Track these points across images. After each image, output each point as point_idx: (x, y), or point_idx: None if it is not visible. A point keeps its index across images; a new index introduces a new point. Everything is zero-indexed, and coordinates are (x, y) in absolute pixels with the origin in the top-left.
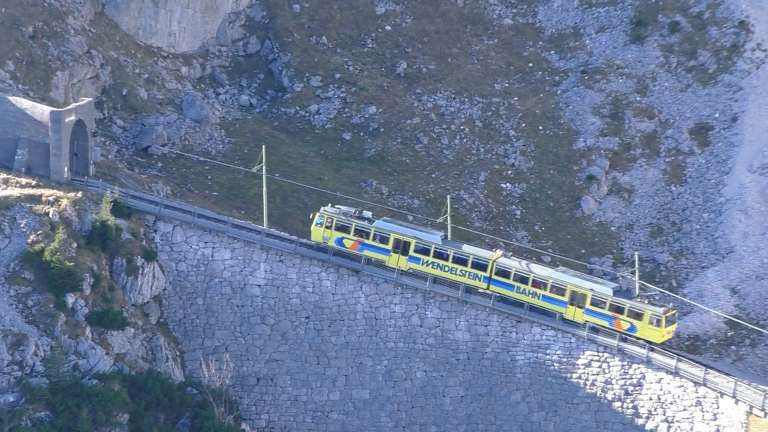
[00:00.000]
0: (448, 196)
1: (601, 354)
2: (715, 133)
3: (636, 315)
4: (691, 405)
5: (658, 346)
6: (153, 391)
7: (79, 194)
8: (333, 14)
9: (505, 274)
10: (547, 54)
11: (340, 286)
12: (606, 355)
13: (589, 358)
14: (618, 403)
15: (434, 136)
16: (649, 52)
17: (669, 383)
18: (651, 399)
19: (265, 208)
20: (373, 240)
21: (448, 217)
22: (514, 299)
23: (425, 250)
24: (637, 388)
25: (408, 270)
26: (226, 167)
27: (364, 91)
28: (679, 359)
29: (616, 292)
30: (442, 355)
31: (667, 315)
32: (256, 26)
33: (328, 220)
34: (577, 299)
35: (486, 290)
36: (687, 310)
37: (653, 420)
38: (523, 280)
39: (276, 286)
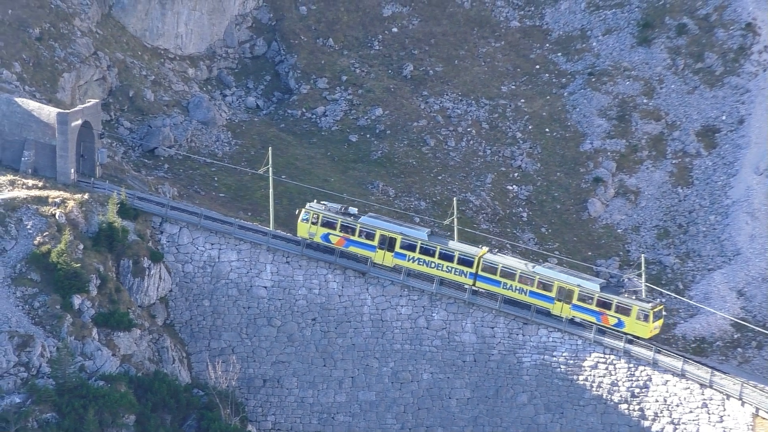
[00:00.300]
0: (455, 198)
1: (607, 356)
2: (722, 135)
3: (623, 310)
4: (698, 407)
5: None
6: (159, 392)
7: (86, 196)
8: (340, 16)
9: (492, 270)
10: (554, 56)
11: (347, 287)
12: (612, 357)
13: (596, 360)
14: (624, 405)
15: (441, 138)
16: (656, 55)
17: (675, 385)
18: (657, 401)
19: (271, 209)
20: (359, 236)
21: (455, 219)
22: (498, 294)
23: (411, 246)
24: (643, 390)
25: (393, 266)
26: (232, 169)
27: (370, 93)
28: (686, 361)
29: (603, 288)
30: (449, 357)
31: (655, 310)
32: (263, 28)
33: (314, 217)
34: (564, 295)
35: (472, 286)
36: (693, 313)
37: (659, 422)
38: (510, 276)
39: (282, 288)
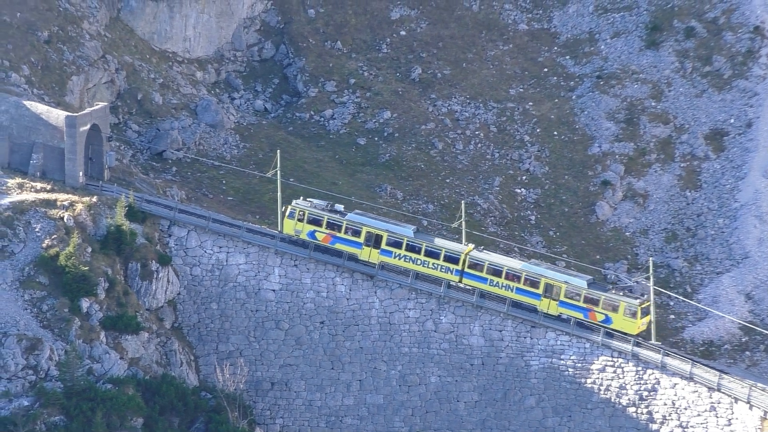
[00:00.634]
0: (463, 202)
1: (615, 359)
2: (730, 138)
3: (611, 307)
4: (706, 410)
5: (668, 349)
6: (167, 395)
7: (94, 199)
8: (348, 19)
9: (478, 267)
10: (562, 59)
11: (355, 290)
12: (620, 360)
13: (604, 363)
14: (632, 409)
15: (449, 142)
16: (665, 58)
17: (683, 388)
18: (665, 404)
19: (279, 212)
20: (346, 233)
21: (463, 223)
22: (487, 292)
23: (397, 243)
24: (651, 394)
25: (380, 263)
26: (240, 172)
27: (378, 96)
28: (694, 364)
29: (591, 285)
30: (457, 360)
31: (642, 306)
32: (271, 31)
33: (300, 213)
34: (552, 292)
35: (458, 283)
36: (702, 316)
37: (667, 425)
38: (496, 273)
39: (290, 291)
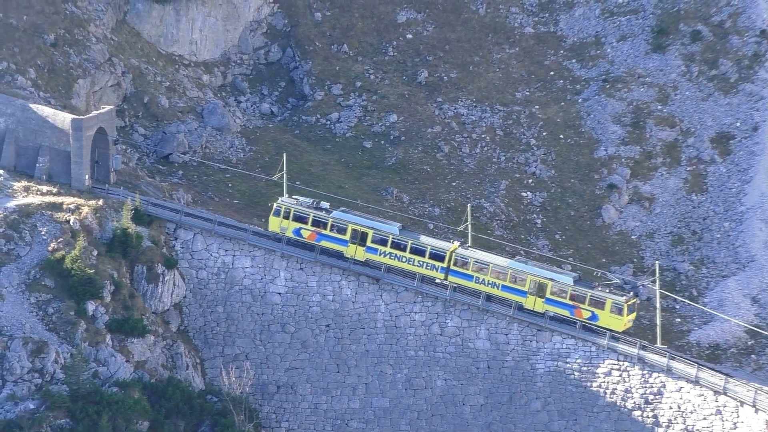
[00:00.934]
0: (469, 205)
1: (621, 363)
2: (737, 142)
3: (598, 304)
4: (711, 414)
5: (674, 353)
6: (173, 398)
7: (100, 202)
8: (354, 22)
9: (464, 264)
10: (569, 62)
11: (361, 294)
12: (626, 363)
13: (609, 366)
14: (638, 412)
15: (455, 145)
16: (671, 61)
17: (689, 392)
18: (671, 408)
19: None
20: (331, 230)
21: (469, 226)
22: (473, 289)
23: (383, 241)
24: (657, 397)
25: (365, 261)
26: (247, 175)
27: (385, 100)
28: (700, 368)
29: (577, 282)
30: (462, 363)
31: (629, 303)
32: (278, 34)
33: (286, 211)
34: (538, 289)
35: (444, 281)
36: (707, 319)
37: (673, 429)
38: (482, 270)
39: (296, 294)
